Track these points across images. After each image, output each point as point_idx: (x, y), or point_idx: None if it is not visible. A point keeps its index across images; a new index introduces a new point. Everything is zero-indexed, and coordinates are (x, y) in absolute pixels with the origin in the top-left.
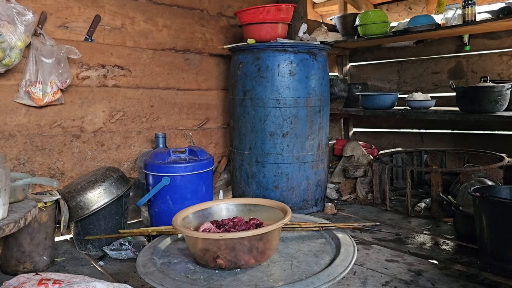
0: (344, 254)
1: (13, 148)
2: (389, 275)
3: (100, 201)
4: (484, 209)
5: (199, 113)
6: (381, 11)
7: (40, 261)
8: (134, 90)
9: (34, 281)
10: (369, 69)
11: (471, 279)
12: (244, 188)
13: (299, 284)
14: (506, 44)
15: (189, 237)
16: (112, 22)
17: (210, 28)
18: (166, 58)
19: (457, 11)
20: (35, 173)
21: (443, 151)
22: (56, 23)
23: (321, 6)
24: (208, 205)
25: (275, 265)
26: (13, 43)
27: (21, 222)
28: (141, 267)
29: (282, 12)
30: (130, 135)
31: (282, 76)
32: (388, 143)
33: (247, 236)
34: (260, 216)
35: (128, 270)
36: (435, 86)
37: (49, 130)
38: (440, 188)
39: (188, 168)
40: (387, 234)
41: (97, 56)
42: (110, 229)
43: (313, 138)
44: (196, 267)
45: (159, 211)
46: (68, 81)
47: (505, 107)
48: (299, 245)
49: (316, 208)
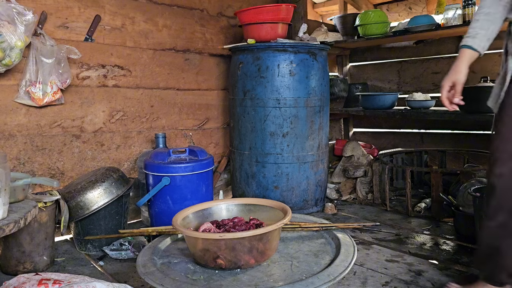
0: (344, 254)
1: (13, 148)
2: (389, 275)
3: (100, 201)
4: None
5: (199, 113)
6: (381, 11)
7: (40, 261)
8: (134, 90)
9: (34, 281)
10: (369, 69)
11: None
12: (244, 188)
13: (299, 284)
14: None
15: (189, 237)
16: (112, 22)
17: (210, 28)
18: (166, 58)
19: (457, 11)
20: (35, 173)
21: (443, 151)
22: (56, 23)
23: (321, 6)
24: (208, 205)
25: (275, 265)
26: (13, 43)
27: (21, 222)
28: (141, 267)
29: (282, 12)
30: (130, 135)
31: (282, 76)
32: (388, 143)
33: (247, 236)
34: (260, 216)
35: (128, 270)
36: (435, 86)
37: (49, 130)
38: (440, 188)
39: (188, 168)
40: (387, 234)
41: (97, 56)
42: (110, 229)
43: (313, 138)
44: (196, 267)
45: (159, 211)
46: (68, 81)
47: None
48: (299, 245)
49: (316, 208)
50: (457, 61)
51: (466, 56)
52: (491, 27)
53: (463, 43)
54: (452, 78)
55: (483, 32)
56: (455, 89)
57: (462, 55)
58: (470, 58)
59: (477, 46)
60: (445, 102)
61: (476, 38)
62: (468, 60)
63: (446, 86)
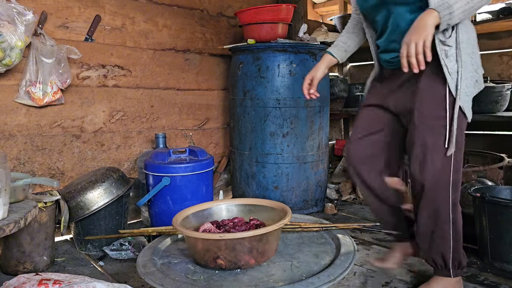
0: (344, 254)
1: (13, 148)
2: (389, 276)
3: (100, 201)
4: (484, 210)
5: (199, 113)
6: None
7: (40, 261)
8: (134, 90)
9: (34, 281)
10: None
11: (471, 279)
12: (244, 189)
13: (299, 284)
14: (507, 45)
15: (189, 238)
16: (112, 22)
17: (210, 28)
18: (166, 58)
19: None
20: (35, 173)
21: None
22: (56, 23)
23: (321, 6)
24: (208, 206)
25: (275, 265)
26: (13, 43)
27: (22, 222)
28: (141, 267)
29: (282, 12)
30: (130, 135)
31: (282, 76)
32: None
33: (247, 237)
34: (260, 217)
35: (128, 270)
36: None
37: (49, 130)
38: None
39: (188, 169)
40: (387, 235)
41: (97, 56)
42: (110, 229)
43: (313, 138)
44: (196, 267)
45: (159, 212)
46: (68, 81)
47: (505, 107)
48: (299, 245)
49: (316, 208)
50: (319, 62)
51: (325, 59)
52: (348, 42)
53: (327, 49)
54: (312, 74)
55: (342, 44)
56: (312, 83)
57: (323, 58)
58: (329, 61)
59: (335, 54)
60: (305, 91)
61: (336, 47)
62: (326, 63)
63: (307, 79)
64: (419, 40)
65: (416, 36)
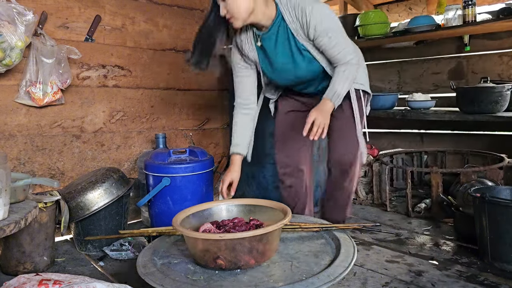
0: (344, 254)
1: (13, 148)
2: (389, 276)
3: (100, 201)
4: (484, 210)
5: (199, 113)
6: (381, 12)
7: (40, 262)
8: (134, 90)
9: (35, 281)
10: (369, 70)
11: (471, 279)
12: (244, 189)
13: (299, 284)
14: (506, 45)
15: (189, 238)
16: (112, 22)
17: None
18: (167, 58)
19: (457, 11)
20: (35, 173)
21: (443, 151)
22: (56, 23)
23: None
24: (208, 206)
25: (275, 265)
26: (14, 43)
27: (22, 223)
28: (141, 267)
29: None
30: (130, 135)
31: None
32: (388, 143)
33: (247, 237)
34: (260, 217)
35: (128, 270)
36: (435, 86)
37: (49, 130)
38: (440, 188)
39: (189, 169)
40: (387, 235)
41: (98, 56)
42: (110, 229)
43: None
44: (196, 267)
45: (159, 212)
46: (68, 81)
47: (505, 107)
48: (299, 245)
49: (316, 208)
50: (231, 165)
51: (236, 161)
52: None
53: (232, 150)
54: (230, 177)
55: (240, 139)
56: (232, 186)
57: (233, 160)
58: (239, 160)
59: (242, 152)
60: (224, 195)
61: (239, 146)
62: (238, 162)
63: (226, 181)
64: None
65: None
